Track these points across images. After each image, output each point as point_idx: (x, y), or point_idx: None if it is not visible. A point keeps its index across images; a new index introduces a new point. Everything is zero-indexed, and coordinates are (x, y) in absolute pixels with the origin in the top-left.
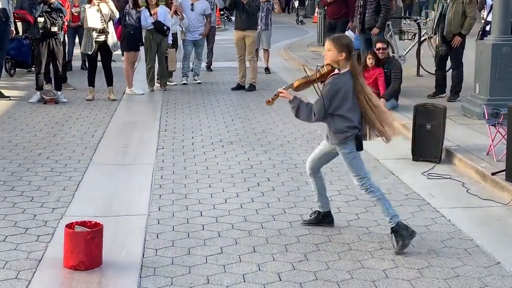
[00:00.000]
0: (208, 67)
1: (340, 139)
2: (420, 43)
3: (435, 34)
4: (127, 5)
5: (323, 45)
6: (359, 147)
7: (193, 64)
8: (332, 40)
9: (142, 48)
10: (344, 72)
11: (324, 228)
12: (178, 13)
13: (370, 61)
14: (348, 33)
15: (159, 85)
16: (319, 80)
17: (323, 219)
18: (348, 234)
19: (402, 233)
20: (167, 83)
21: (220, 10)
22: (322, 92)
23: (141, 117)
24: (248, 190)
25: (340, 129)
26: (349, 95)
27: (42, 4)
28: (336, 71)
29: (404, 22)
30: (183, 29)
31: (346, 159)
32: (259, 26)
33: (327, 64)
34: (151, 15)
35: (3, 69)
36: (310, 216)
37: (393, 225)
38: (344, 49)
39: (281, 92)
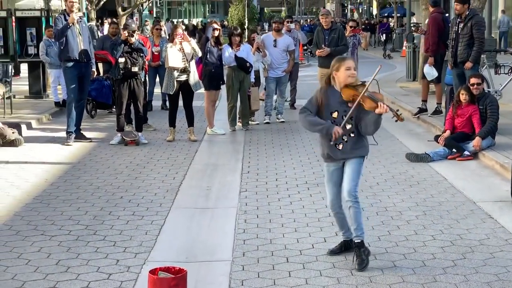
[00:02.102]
0: (292, 105)
1: None
2: None
3: None
4: (208, 43)
5: (413, 80)
6: None
7: (276, 102)
8: (353, 61)
9: (223, 87)
10: None
11: (418, 276)
12: (260, 49)
13: (463, 97)
14: (426, 67)
15: (240, 124)
16: None
17: (348, 246)
18: (444, 282)
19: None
20: (249, 122)
21: (303, 45)
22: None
23: (223, 158)
24: (336, 235)
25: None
26: None
27: (123, 44)
28: None
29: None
30: (266, 66)
31: (360, 167)
32: None
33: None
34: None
35: (84, 111)
36: (335, 247)
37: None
38: None
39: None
